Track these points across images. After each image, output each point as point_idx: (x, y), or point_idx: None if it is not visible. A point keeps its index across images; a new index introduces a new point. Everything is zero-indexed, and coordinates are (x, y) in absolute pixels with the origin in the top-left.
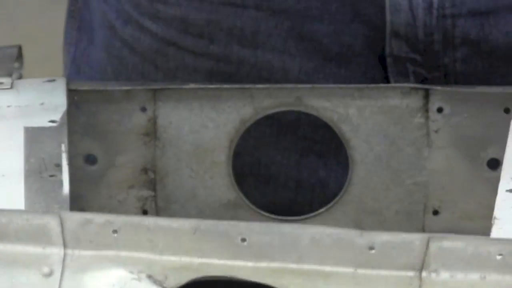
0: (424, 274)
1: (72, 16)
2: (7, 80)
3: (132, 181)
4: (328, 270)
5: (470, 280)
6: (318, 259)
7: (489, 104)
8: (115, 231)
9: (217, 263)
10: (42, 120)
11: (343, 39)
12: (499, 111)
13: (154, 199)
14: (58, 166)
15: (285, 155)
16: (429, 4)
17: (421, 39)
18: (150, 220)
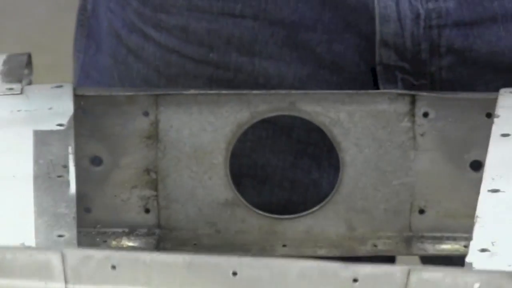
0: None
1: (82, 25)
2: (17, 86)
3: (135, 181)
4: None
5: None
6: None
7: (472, 109)
8: (113, 267)
9: None
10: (50, 124)
11: (335, 48)
12: (481, 116)
13: (156, 199)
14: (65, 167)
15: (280, 157)
16: (416, 15)
17: (409, 48)
18: (146, 256)
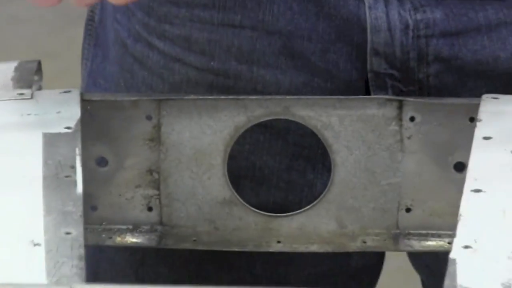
0: None
1: (89, 35)
2: (27, 91)
3: (138, 181)
4: None
5: None
6: None
7: (455, 114)
8: None
9: None
10: (58, 127)
11: (329, 57)
12: (465, 120)
13: (158, 197)
14: (73, 167)
15: (276, 159)
16: (405, 26)
17: (398, 56)
18: None
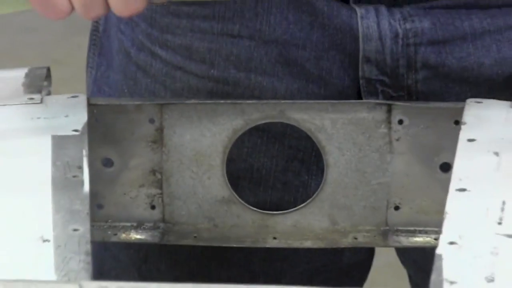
0: None
1: (94, 44)
2: (37, 96)
3: (142, 181)
4: None
5: None
6: None
7: (441, 117)
8: None
9: None
10: (66, 130)
11: (323, 64)
12: (450, 123)
13: (161, 196)
14: (80, 168)
15: (273, 161)
16: (395, 35)
17: (389, 64)
18: (153, 286)
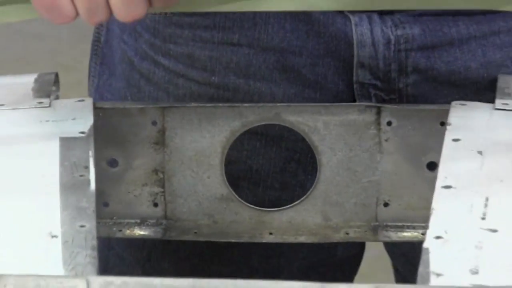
0: None
1: (95, 54)
2: (46, 100)
3: (145, 180)
4: None
5: None
6: None
7: (428, 119)
8: None
9: None
10: (73, 132)
11: (318, 70)
12: (436, 124)
13: (163, 194)
14: (86, 168)
15: (271, 163)
16: (387, 41)
17: (381, 68)
18: (157, 281)
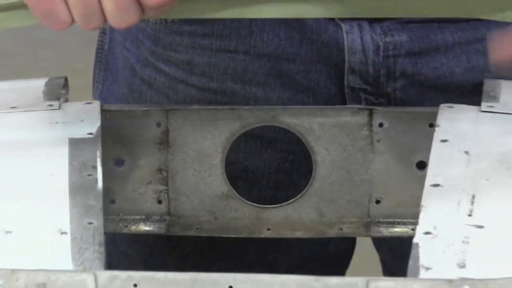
0: None
1: (99, 61)
2: (56, 103)
3: (150, 178)
4: None
5: None
6: None
7: (417, 120)
8: (135, 285)
9: None
10: (82, 133)
11: (311, 76)
12: (425, 126)
13: (167, 192)
14: (94, 167)
15: (267, 163)
16: (377, 47)
17: (371, 73)
18: (161, 275)
